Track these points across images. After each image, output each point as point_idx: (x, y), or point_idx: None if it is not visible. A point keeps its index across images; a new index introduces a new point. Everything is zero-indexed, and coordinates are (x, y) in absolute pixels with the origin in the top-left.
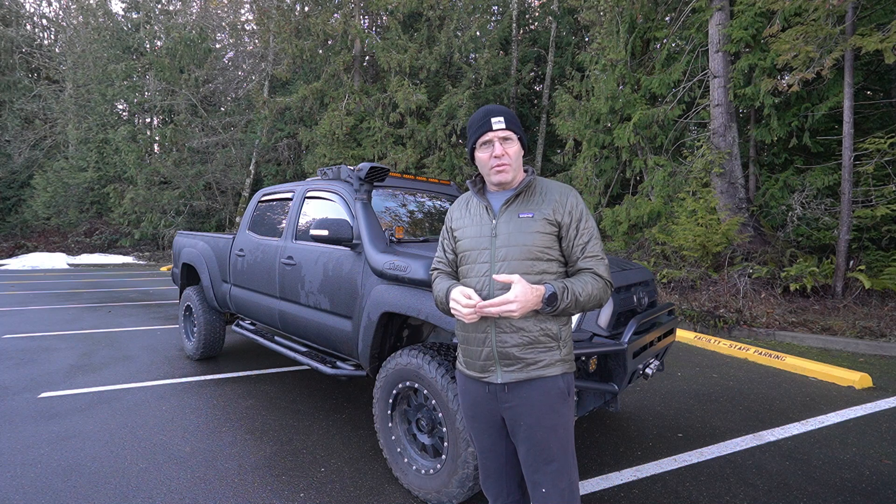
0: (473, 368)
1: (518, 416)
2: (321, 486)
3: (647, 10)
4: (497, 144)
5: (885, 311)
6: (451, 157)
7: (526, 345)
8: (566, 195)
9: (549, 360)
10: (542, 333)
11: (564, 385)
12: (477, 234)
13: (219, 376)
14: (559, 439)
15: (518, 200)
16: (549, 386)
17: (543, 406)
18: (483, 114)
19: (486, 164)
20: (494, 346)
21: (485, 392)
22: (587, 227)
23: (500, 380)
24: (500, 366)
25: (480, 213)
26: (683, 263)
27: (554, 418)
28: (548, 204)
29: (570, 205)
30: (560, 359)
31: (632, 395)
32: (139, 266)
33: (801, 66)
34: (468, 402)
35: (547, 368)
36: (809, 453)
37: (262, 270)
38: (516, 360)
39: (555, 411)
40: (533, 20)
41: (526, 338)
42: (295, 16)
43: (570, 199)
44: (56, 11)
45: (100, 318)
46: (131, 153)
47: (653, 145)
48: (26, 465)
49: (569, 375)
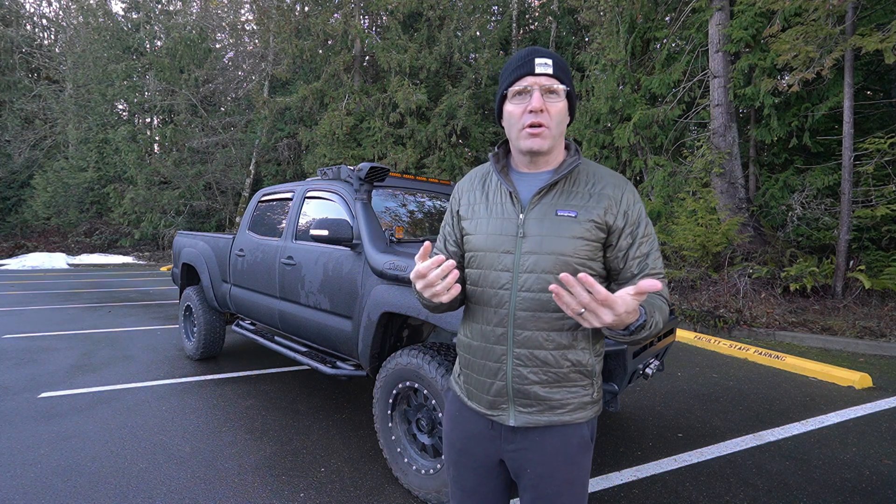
0: (478, 402)
1: (525, 464)
2: (321, 486)
3: (647, 10)
4: (536, 95)
5: (885, 311)
6: (451, 157)
7: (552, 382)
8: (622, 189)
9: (578, 402)
10: (572, 369)
11: (589, 432)
12: (497, 230)
13: (219, 376)
14: (574, 495)
15: (557, 190)
16: (571, 434)
17: (560, 457)
18: (526, 53)
19: (517, 121)
20: (510, 380)
21: (486, 430)
22: (647, 234)
23: (512, 422)
24: (515, 405)
25: (503, 202)
26: (683, 263)
27: (571, 472)
28: (598, 200)
29: (626, 203)
30: (591, 400)
31: (632, 395)
32: (139, 266)
33: (801, 66)
34: (460, 434)
35: (574, 413)
36: (809, 453)
37: (262, 270)
38: (538, 400)
39: (573, 463)
40: (533, 20)
41: (552, 374)
42: (295, 16)
43: (626, 196)
44: (56, 11)
45: (100, 318)
46: (131, 153)
47: (653, 145)
48: (26, 465)
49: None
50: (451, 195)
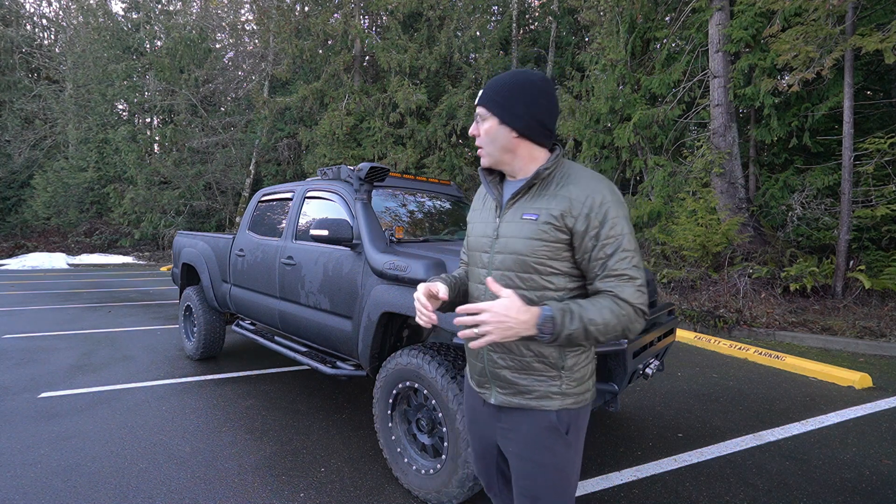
0: (473, 381)
1: (507, 443)
2: (321, 486)
3: (647, 10)
4: (473, 123)
5: (885, 311)
6: (451, 157)
7: (519, 369)
8: (588, 191)
9: (544, 390)
10: (535, 359)
11: (560, 421)
12: (480, 232)
13: (219, 376)
14: (548, 479)
15: (529, 195)
16: (541, 419)
17: (531, 439)
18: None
19: None
20: (486, 364)
21: (481, 406)
22: (611, 234)
23: (493, 401)
24: (494, 385)
25: (490, 208)
26: (683, 263)
27: (542, 455)
28: (559, 202)
29: (589, 205)
30: (559, 391)
31: (632, 395)
32: (139, 266)
33: (801, 66)
34: (468, 408)
35: (541, 400)
36: (809, 453)
37: (262, 270)
38: (508, 383)
39: (545, 447)
40: (533, 20)
41: (517, 361)
42: (295, 16)
43: (591, 197)
44: (56, 11)
45: (100, 318)
46: (131, 153)
47: (653, 145)
48: (26, 465)
49: (571, 412)
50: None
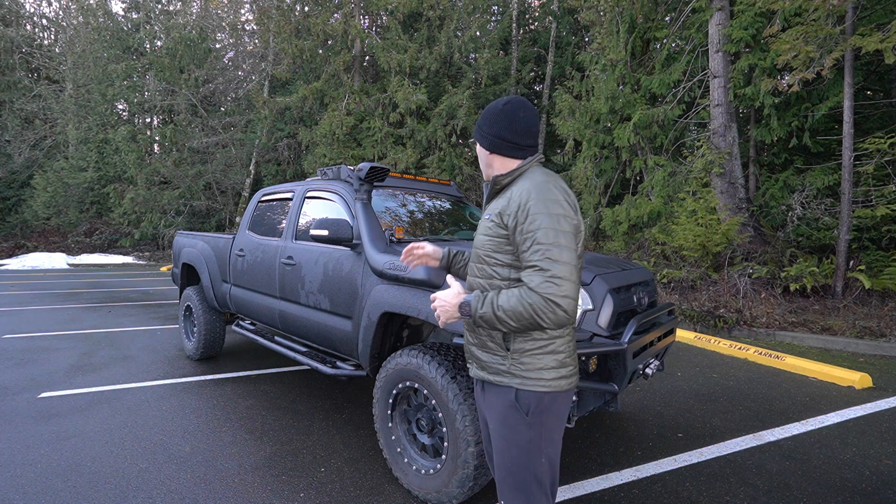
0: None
1: (487, 417)
2: (321, 486)
3: (647, 10)
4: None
5: (885, 311)
6: (451, 157)
7: (479, 346)
8: (521, 190)
9: (496, 367)
10: (488, 339)
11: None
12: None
13: (219, 376)
14: (513, 456)
15: (494, 200)
16: (502, 394)
17: (500, 414)
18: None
19: None
20: (466, 342)
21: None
22: (530, 229)
23: (472, 374)
24: (472, 362)
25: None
26: (683, 263)
27: (504, 428)
28: (502, 202)
29: (517, 203)
30: (507, 371)
31: (632, 395)
32: (139, 266)
33: (801, 66)
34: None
35: (496, 376)
36: (809, 453)
37: (262, 270)
38: (474, 358)
39: (504, 421)
40: (533, 20)
41: (478, 340)
42: (295, 16)
43: (521, 196)
44: (56, 11)
45: (100, 318)
46: (131, 153)
47: (653, 145)
48: (26, 465)
49: (531, 395)
50: None
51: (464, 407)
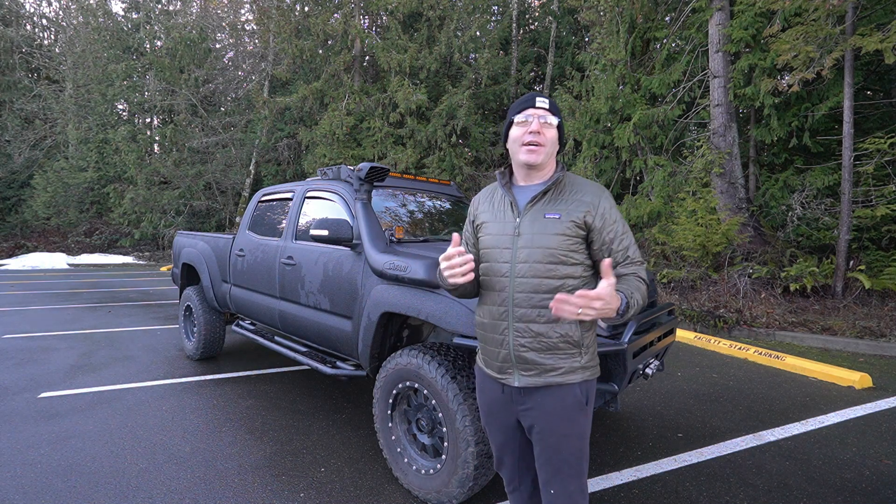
0: (492, 368)
1: (533, 420)
2: (321, 486)
3: (647, 10)
4: (536, 121)
5: (885, 311)
6: (451, 157)
7: (544, 350)
8: (599, 196)
9: (568, 367)
10: (561, 340)
11: (582, 393)
12: (500, 231)
13: (219, 376)
14: (571, 447)
15: (546, 198)
16: (566, 394)
17: (558, 414)
18: (530, 94)
19: (519, 140)
20: (512, 348)
21: (501, 393)
22: (625, 231)
23: (517, 383)
24: (518, 369)
25: (505, 209)
26: (683, 263)
27: (568, 427)
28: (578, 206)
29: (603, 207)
30: (581, 366)
31: (632, 395)
32: (139, 266)
33: (801, 66)
34: (485, 399)
35: (566, 376)
36: (809, 453)
37: (262, 270)
38: (534, 364)
39: (570, 420)
40: (533, 20)
41: (544, 343)
42: (295, 16)
43: (602, 202)
44: (56, 11)
45: (100, 318)
46: (131, 153)
47: (653, 145)
48: (26, 465)
49: (590, 383)
50: (470, 208)
51: (464, 407)
